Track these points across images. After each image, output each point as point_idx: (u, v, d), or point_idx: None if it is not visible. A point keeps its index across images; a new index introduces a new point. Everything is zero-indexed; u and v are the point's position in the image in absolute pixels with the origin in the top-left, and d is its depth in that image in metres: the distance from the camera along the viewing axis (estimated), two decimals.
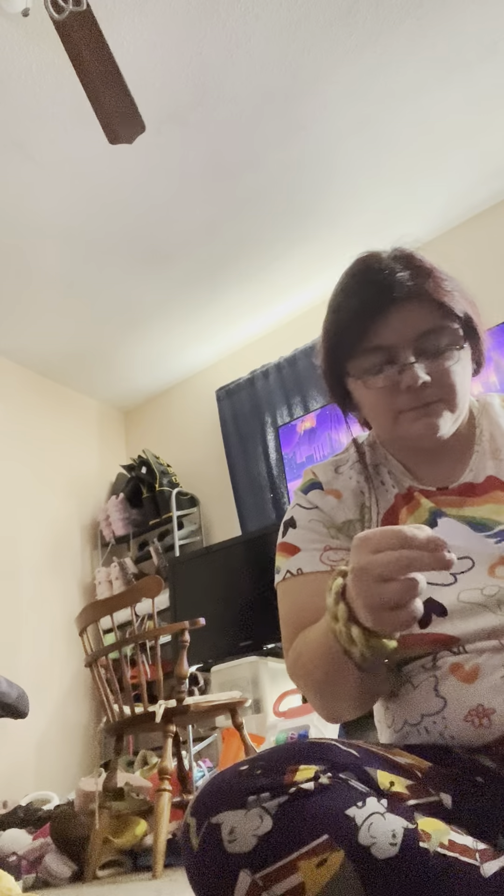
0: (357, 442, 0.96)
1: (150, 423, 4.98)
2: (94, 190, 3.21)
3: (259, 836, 0.55)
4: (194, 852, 0.57)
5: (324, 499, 0.91)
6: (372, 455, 0.94)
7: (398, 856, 0.55)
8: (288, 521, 0.93)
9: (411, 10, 2.63)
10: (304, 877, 0.53)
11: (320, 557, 0.86)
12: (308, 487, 0.94)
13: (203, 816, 0.57)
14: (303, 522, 0.90)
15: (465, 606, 0.75)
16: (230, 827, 0.55)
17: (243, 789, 0.57)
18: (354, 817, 0.56)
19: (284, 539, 0.91)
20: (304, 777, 0.58)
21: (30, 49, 2.56)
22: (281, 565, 0.90)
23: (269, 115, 2.99)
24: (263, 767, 0.59)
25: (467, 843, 0.58)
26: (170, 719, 2.27)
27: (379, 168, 3.35)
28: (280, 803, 0.56)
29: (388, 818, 0.57)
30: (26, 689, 2.34)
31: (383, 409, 0.84)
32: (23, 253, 3.51)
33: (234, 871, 0.54)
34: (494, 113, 3.15)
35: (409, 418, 0.83)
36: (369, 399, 0.85)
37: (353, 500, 0.90)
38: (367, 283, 0.83)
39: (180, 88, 2.81)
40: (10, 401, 4.31)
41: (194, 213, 3.44)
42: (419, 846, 0.56)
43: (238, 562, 3.69)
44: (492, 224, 3.70)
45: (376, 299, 0.81)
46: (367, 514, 0.88)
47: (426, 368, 0.81)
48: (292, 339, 4.24)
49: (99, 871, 2.34)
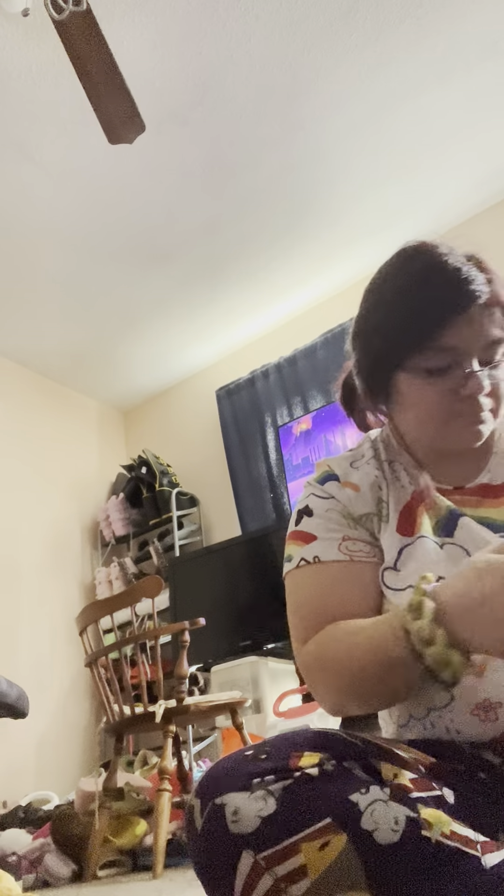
0: (371, 437, 0.94)
1: (150, 424, 4.98)
2: (94, 190, 3.21)
3: (263, 818, 0.55)
4: (198, 833, 0.57)
5: (341, 490, 0.89)
6: (387, 451, 0.92)
7: (400, 842, 0.55)
8: (303, 510, 0.89)
9: (411, 10, 2.63)
10: (307, 859, 0.54)
11: (338, 547, 0.84)
12: (324, 478, 0.91)
13: (207, 797, 0.57)
14: (319, 511, 0.88)
15: None
16: (234, 808, 0.56)
17: (248, 772, 0.58)
18: (358, 803, 0.56)
19: (298, 527, 0.88)
20: (308, 763, 0.58)
21: (30, 49, 2.56)
22: (293, 553, 0.87)
23: (269, 114, 2.99)
24: (269, 752, 0.60)
25: (469, 834, 0.58)
26: (170, 719, 2.27)
27: (379, 168, 3.35)
28: (284, 786, 0.57)
29: (391, 805, 0.57)
30: (26, 689, 2.34)
31: (439, 410, 0.81)
32: (23, 253, 3.51)
33: (237, 852, 0.55)
34: (494, 112, 3.15)
35: (461, 424, 0.81)
36: (426, 397, 0.82)
37: (371, 493, 0.88)
38: (440, 279, 0.79)
39: (180, 88, 2.81)
40: (10, 401, 4.31)
41: (194, 213, 3.44)
42: (421, 834, 0.56)
43: (238, 562, 3.69)
44: (492, 224, 3.70)
45: (455, 299, 0.78)
46: (385, 508, 0.87)
47: (488, 378, 0.80)
48: (292, 339, 4.24)
49: (99, 871, 2.34)
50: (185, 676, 2.34)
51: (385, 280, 0.86)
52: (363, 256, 3.81)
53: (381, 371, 0.85)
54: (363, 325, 0.87)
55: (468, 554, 0.78)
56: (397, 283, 0.84)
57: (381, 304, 0.85)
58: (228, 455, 4.29)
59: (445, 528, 0.82)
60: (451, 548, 0.80)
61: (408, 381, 0.83)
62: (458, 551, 0.79)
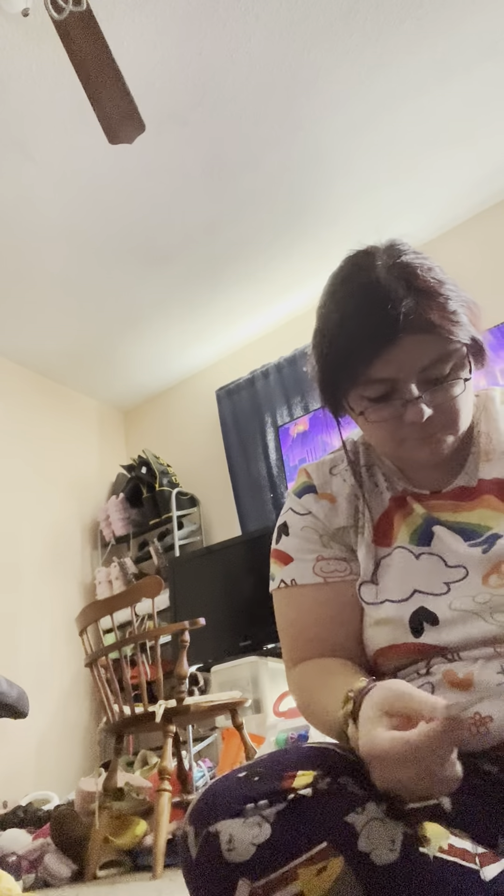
0: (346, 445, 0.92)
1: (150, 423, 4.98)
2: (95, 190, 3.21)
3: (258, 845, 0.54)
4: (193, 860, 0.56)
5: (317, 503, 0.89)
6: (366, 455, 0.92)
7: (398, 861, 0.55)
8: (281, 527, 0.91)
9: (411, 11, 2.63)
10: (304, 885, 0.53)
11: (313, 569, 0.85)
12: (301, 490, 0.92)
13: (201, 825, 0.56)
14: (295, 529, 0.89)
15: (456, 615, 0.74)
16: (228, 835, 0.55)
17: (241, 797, 0.57)
18: (354, 823, 0.56)
19: (278, 546, 0.90)
20: (302, 783, 0.57)
21: (30, 49, 2.56)
22: (275, 573, 0.89)
23: (268, 114, 2.99)
24: (261, 774, 0.59)
25: (467, 846, 0.58)
26: (170, 719, 2.27)
27: (378, 168, 3.35)
28: (278, 811, 0.56)
29: (388, 823, 0.56)
30: (26, 689, 2.34)
31: (385, 438, 0.81)
32: (23, 253, 3.51)
33: (233, 880, 0.54)
34: (494, 113, 3.14)
35: (412, 446, 0.80)
36: (369, 427, 0.81)
37: (347, 504, 0.88)
38: (368, 310, 0.76)
39: (180, 88, 2.81)
40: (11, 401, 4.31)
41: (194, 213, 3.44)
42: (419, 851, 0.55)
43: (238, 562, 3.69)
44: (492, 224, 3.70)
45: (379, 333, 0.75)
46: (361, 520, 0.86)
47: (430, 399, 0.77)
48: (292, 339, 4.23)
49: (99, 871, 2.34)
50: (185, 676, 2.34)
51: (324, 304, 0.84)
52: None
53: (331, 395, 0.84)
54: (314, 343, 0.86)
55: (445, 564, 0.78)
56: (327, 309, 0.83)
57: (321, 332, 0.83)
58: (228, 455, 4.29)
59: (422, 537, 0.81)
60: (428, 557, 0.79)
61: (354, 408, 0.82)
62: (435, 561, 0.79)
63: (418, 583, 0.78)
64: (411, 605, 0.77)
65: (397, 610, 0.77)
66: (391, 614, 0.77)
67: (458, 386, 0.78)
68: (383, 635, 0.78)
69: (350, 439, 0.94)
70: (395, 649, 0.77)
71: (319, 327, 0.84)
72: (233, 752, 2.83)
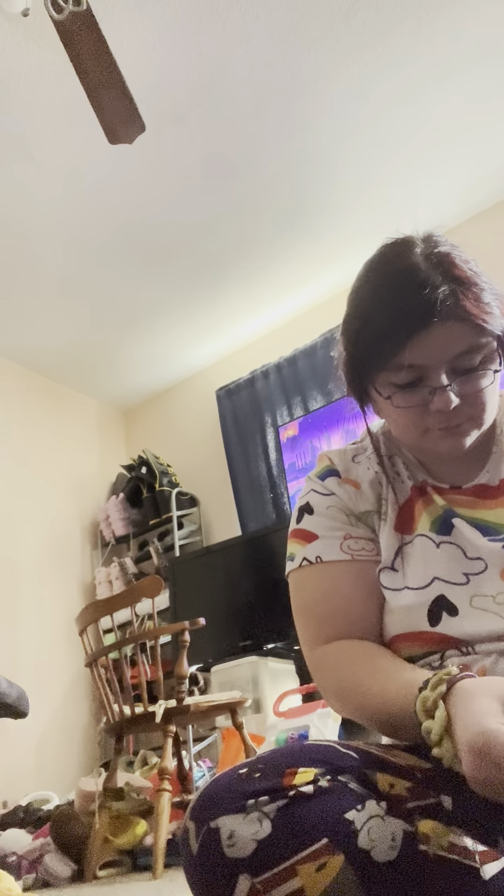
0: (371, 432, 0.92)
1: (150, 423, 4.98)
2: (95, 190, 3.21)
3: (258, 841, 0.55)
4: (194, 856, 0.57)
5: (341, 487, 0.88)
6: (387, 445, 0.92)
7: (398, 859, 0.55)
8: (303, 507, 0.89)
9: (411, 10, 2.63)
10: (304, 881, 0.53)
11: (340, 546, 0.83)
12: (325, 474, 0.90)
13: (202, 821, 0.57)
14: (320, 509, 0.87)
15: (475, 611, 0.74)
16: (229, 831, 0.55)
17: (242, 793, 0.57)
18: (354, 821, 0.56)
19: (300, 525, 0.87)
20: (303, 780, 0.58)
21: (30, 49, 2.56)
22: (296, 552, 0.86)
23: (269, 114, 2.99)
24: (262, 770, 0.59)
25: (467, 844, 0.58)
26: (170, 719, 2.27)
27: (379, 168, 3.35)
28: (279, 807, 0.56)
29: (388, 821, 0.57)
30: (26, 689, 2.34)
31: (410, 425, 0.80)
32: (23, 253, 3.51)
33: (233, 876, 0.54)
34: (494, 113, 3.14)
35: (437, 436, 0.79)
36: (394, 414, 0.81)
37: (371, 490, 0.87)
38: (404, 293, 0.76)
39: (180, 88, 2.81)
40: (11, 401, 4.31)
41: (194, 213, 3.44)
42: (419, 849, 0.56)
43: (238, 562, 3.69)
44: (492, 224, 3.70)
45: (413, 317, 0.75)
46: (384, 505, 0.86)
47: (458, 389, 0.77)
48: (292, 339, 4.23)
49: (99, 871, 2.34)
50: (185, 676, 2.34)
51: (358, 289, 0.85)
52: (363, 256, 3.74)
53: (358, 380, 0.84)
54: (344, 328, 0.86)
55: (465, 555, 0.78)
56: (361, 292, 0.83)
57: (354, 315, 0.84)
58: (228, 455, 4.29)
59: (442, 526, 0.82)
60: (448, 547, 0.80)
61: (378, 396, 0.82)
62: (455, 551, 0.79)
63: (438, 571, 0.78)
64: (431, 592, 0.77)
65: (416, 597, 0.77)
66: (410, 601, 0.77)
67: (487, 377, 0.78)
68: (400, 622, 0.78)
69: (371, 429, 0.94)
70: (410, 637, 0.77)
71: (351, 311, 0.84)
72: (233, 753, 2.83)
